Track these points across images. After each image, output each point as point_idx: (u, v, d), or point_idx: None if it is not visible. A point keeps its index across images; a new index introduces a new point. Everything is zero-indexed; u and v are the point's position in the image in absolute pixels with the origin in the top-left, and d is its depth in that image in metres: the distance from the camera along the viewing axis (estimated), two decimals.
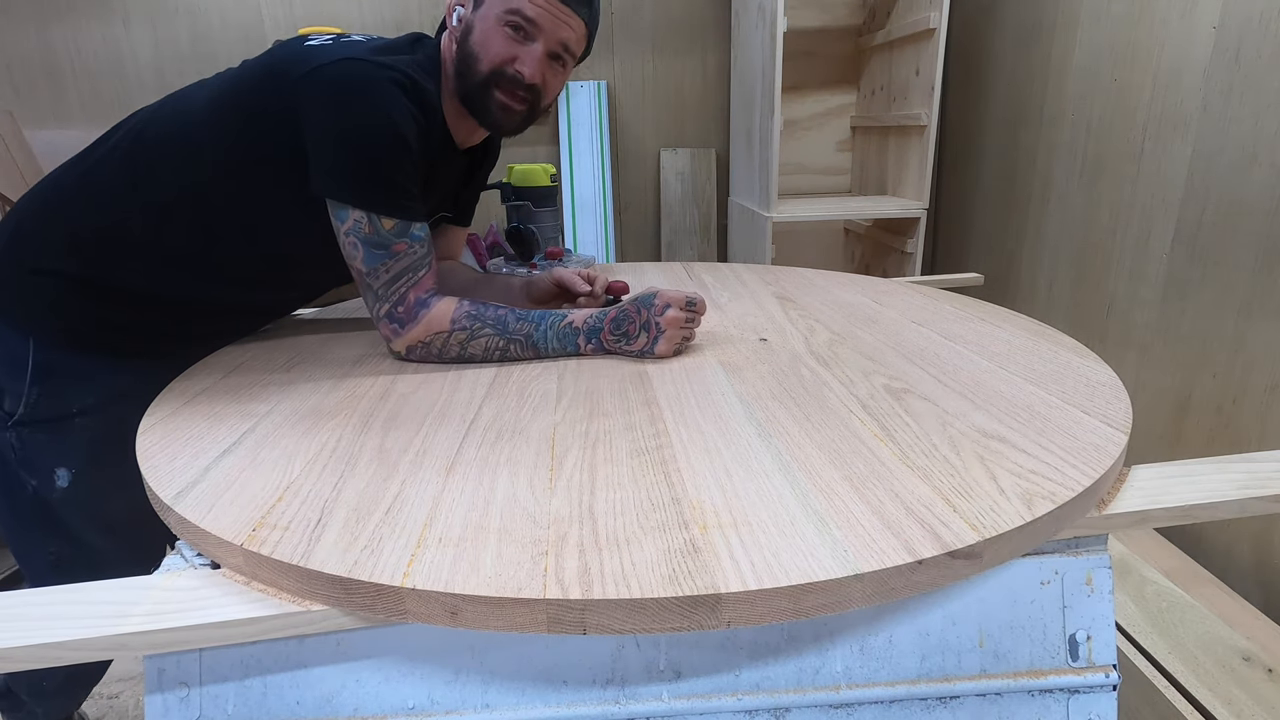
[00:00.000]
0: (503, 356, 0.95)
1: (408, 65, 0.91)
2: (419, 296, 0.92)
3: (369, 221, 0.87)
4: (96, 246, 0.91)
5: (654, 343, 0.94)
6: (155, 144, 0.92)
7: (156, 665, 0.58)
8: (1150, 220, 1.79)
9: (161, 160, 0.91)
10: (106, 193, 0.91)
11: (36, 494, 0.93)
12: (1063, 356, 0.91)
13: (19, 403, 0.91)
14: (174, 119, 0.93)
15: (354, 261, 0.90)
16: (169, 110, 0.94)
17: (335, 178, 0.87)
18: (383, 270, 0.89)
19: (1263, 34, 1.47)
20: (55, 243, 0.91)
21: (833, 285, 1.33)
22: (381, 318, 0.92)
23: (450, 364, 0.95)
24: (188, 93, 0.96)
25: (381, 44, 0.95)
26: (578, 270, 1.14)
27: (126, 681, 1.66)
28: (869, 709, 0.62)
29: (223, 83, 0.93)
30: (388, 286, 0.90)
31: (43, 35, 2.87)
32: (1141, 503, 0.64)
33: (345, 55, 0.87)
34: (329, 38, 0.94)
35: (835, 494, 0.59)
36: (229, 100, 0.91)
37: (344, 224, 0.88)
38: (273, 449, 0.71)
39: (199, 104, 0.92)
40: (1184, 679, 1.13)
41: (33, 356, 0.90)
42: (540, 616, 0.49)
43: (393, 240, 0.88)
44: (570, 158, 3.08)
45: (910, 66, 2.44)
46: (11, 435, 0.92)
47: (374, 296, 0.91)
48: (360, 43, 0.93)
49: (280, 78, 0.88)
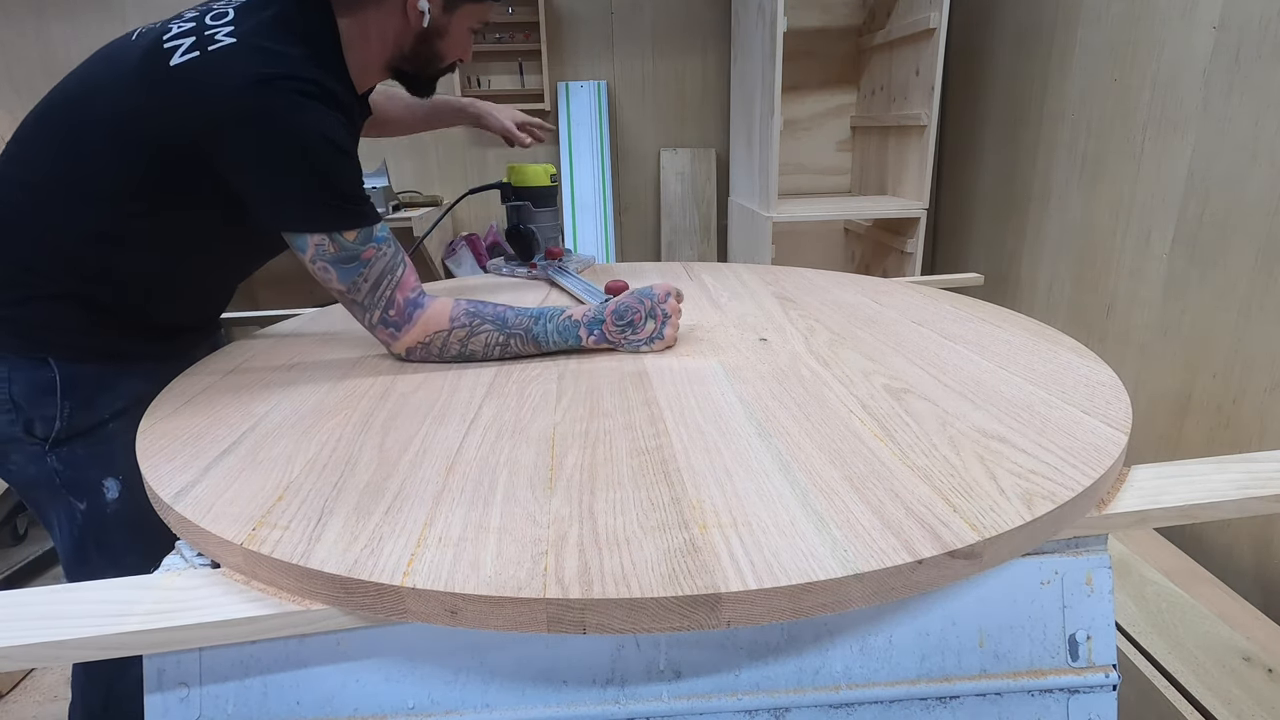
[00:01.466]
0: (503, 353, 0.95)
1: (302, 63, 0.84)
2: (407, 296, 0.91)
3: (331, 241, 0.85)
4: (65, 268, 0.88)
5: (662, 328, 0.96)
6: (63, 176, 0.85)
7: (156, 665, 0.58)
8: (1150, 220, 1.79)
9: (79, 197, 0.86)
10: (45, 224, 0.87)
11: (88, 518, 0.93)
12: (1063, 356, 0.91)
13: (52, 424, 0.91)
14: (75, 142, 0.85)
15: (330, 284, 0.89)
16: (68, 128, 0.86)
17: (283, 211, 0.85)
18: (361, 281, 0.88)
19: (1263, 34, 1.47)
20: (29, 271, 0.88)
21: (833, 285, 1.33)
22: (375, 325, 0.92)
23: (451, 363, 0.95)
24: (77, 109, 0.87)
25: (255, 32, 0.84)
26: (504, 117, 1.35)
27: None
28: (869, 709, 0.62)
29: (113, 119, 0.84)
30: (371, 294, 0.89)
31: (42, 35, 2.87)
32: (1141, 503, 0.64)
33: (242, 83, 0.79)
34: (190, 41, 0.83)
35: (835, 494, 0.59)
36: (127, 143, 0.84)
37: (306, 253, 0.86)
38: (273, 449, 0.71)
39: (95, 136, 0.85)
40: (1184, 679, 1.13)
41: (58, 373, 0.90)
42: (540, 616, 0.49)
43: (360, 249, 0.87)
44: (570, 158, 3.09)
45: (910, 66, 2.44)
46: (53, 459, 0.92)
47: (361, 309, 0.91)
48: (238, 47, 0.82)
49: (182, 118, 0.81)
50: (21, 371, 0.89)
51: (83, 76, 0.89)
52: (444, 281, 1.54)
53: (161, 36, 0.85)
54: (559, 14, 3.04)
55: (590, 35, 3.08)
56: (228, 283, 1.07)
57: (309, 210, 0.84)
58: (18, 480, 0.95)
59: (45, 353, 0.90)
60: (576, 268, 1.45)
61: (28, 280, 0.88)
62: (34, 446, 0.91)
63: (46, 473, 0.92)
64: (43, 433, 0.91)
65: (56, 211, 0.86)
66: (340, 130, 0.86)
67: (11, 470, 0.94)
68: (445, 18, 0.97)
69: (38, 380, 0.90)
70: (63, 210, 0.86)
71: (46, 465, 0.92)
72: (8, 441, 0.91)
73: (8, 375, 0.89)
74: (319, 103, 0.83)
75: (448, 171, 3.20)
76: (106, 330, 0.93)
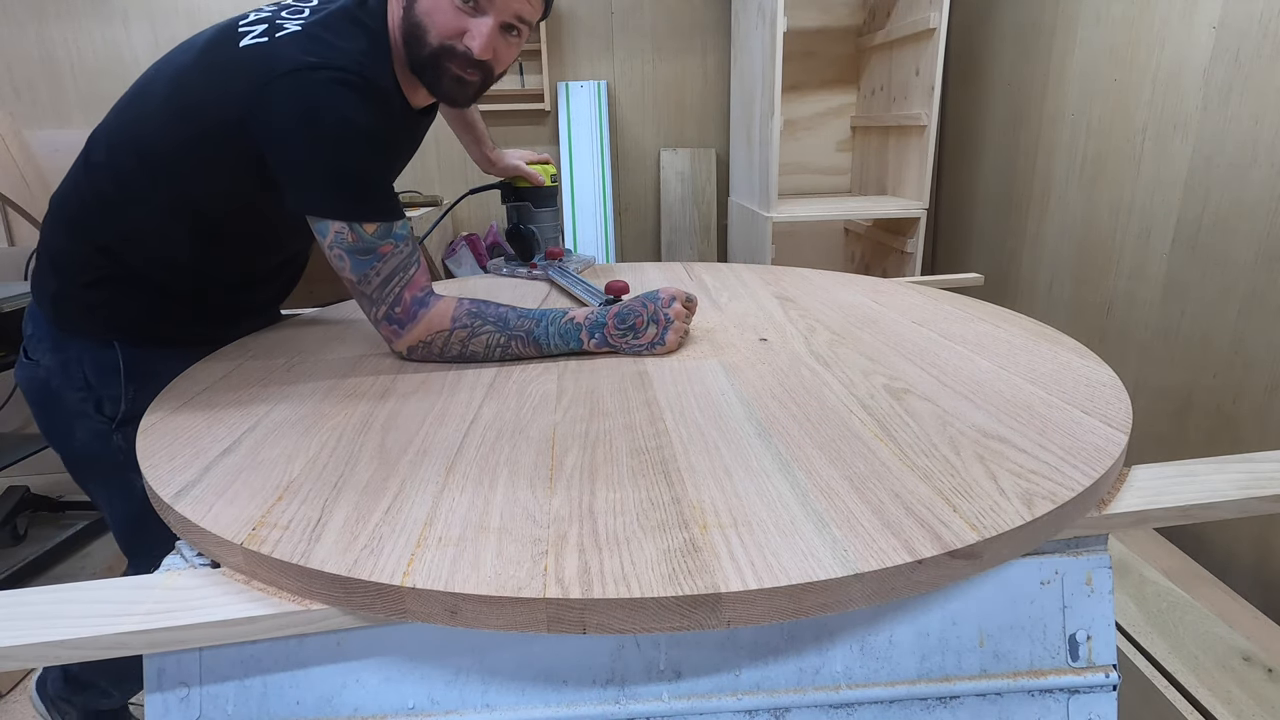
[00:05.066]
0: (504, 354, 0.95)
1: (352, 55, 0.86)
2: (415, 295, 0.91)
3: (350, 230, 0.86)
4: (124, 251, 0.94)
5: (664, 333, 0.95)
6: (125, 160, 0.91)
7: (156, 665, 0.58)
8: (1150, 220, 1.79)
9: (138, 177, 0.90)
10: (111, 206, 0.92)
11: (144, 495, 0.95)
12: (1063, 356, 0.90)
13: (119, 404, 0.96)
14: (136, 138, 0.91)
15: (343, 272, 0.89)
16: (130, 122, 0.92)
17: (309, 195, 0.86)
18: (373, 275, 0.89)
19: (1263, 34, 1.47)
20: (91, 255, 0.93)
21: (833, 285, 1.33)
22: (380, 320, 0.92)
23: (451, 363, 0.95)
24: (144, 99, 0.92)
25: (320, 22, 0.89)
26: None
27: None
28: (869, 709, 0.62)
29: (173, 91, 0.90)
30: (381, 289, 0.90)
31: (42, 35, 2.87)
32: (1141, 503, 0.64)
33: (290, 66, 0.83)
34: (262, 28, 0.88)
35: (835, 494, 0.59)
36: (183, 113, 0.88)
37: (326, 238, 0.87)
38: (273, 448, 0.71)
39: (155, 121, 0.90)
40: (1184, 679, 1.13)
41: (121, 357, 0.96)
42: (540, 616, 0.49)
43: (377, 244, 0.88)
44: (570, 158, 3.08)
45: (910, 66, 2.44)
46: (119, 437, 0.97)
47: (369, 301, 0.91)
48: (299, 34, 0.87)
49: (231, 95, 0.85)
50: (91, 352, 0.95)
51: (157, 64, 0.94)
52: (445, 281, 1.54)
53: (238, 23, 0.90)
54: (559, 14, 3.04)
55: (590, 35, 3.08)
56: (274, 264, 1.09)
57: (332, 197, 0.86)
58: (80, 453, 0.99)
59: (111, 335, 0.96)
60: (576, 268, 1.45)
61: (101, 263, 0.94)
62: (102, 425, 0.96)
63: (111, 450, 0.97)
64: (110, 412, 0.96)
65: (135, 191, 0.91)
66: (376, 123, 0.86)
67: (75, 445, 0.98)
68: None
69: (105, 362, 0.95)
70: (139, 190, 0.91)
71: (112, 443, 0.97)
72: (78, 417, 0.96)
73: (79, 356, 0.95)
74: (357, 93, 0.85)
75: (448, 171, 3.20)
76: (167, 313, 0.98)
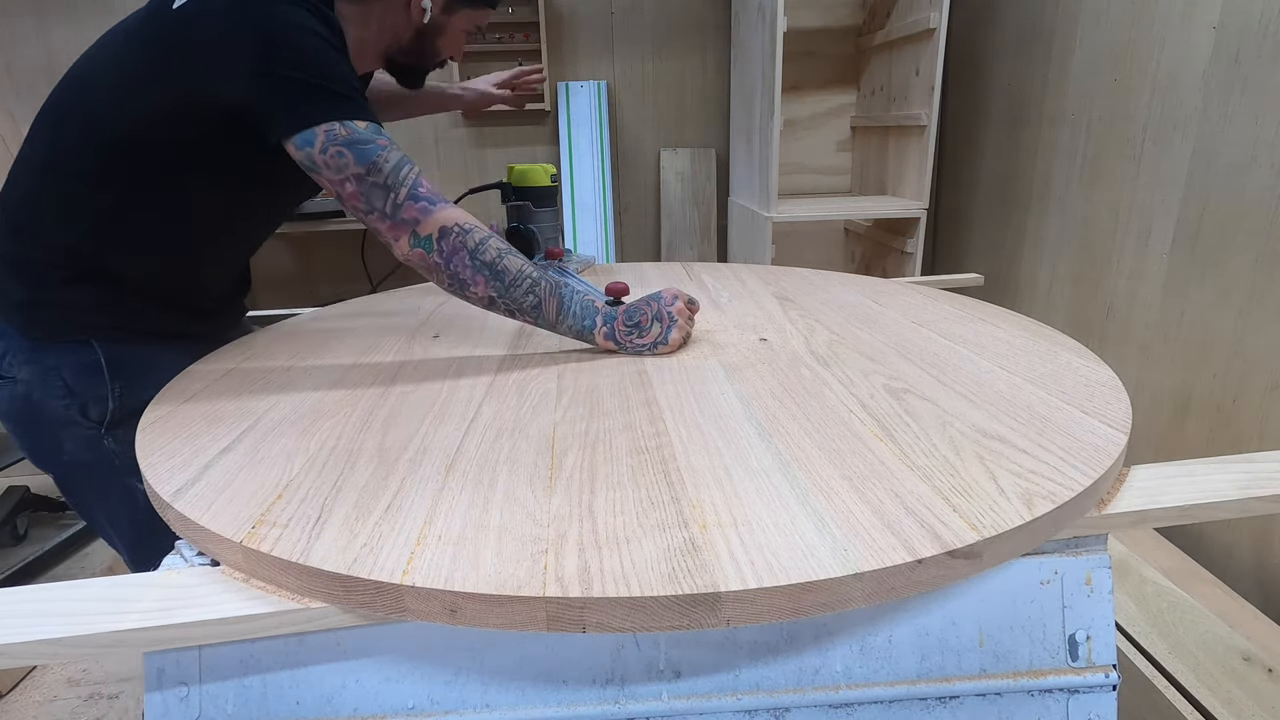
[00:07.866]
0: (531, 290, 0.88)
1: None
2: (432, 188, 0.85)
3: (343, 126, 0.81)
4: (92, 247, 0.91)
5: (668, 331, 0.95)
6: (82, 157, 0.88)
7: (156, 664, 0.58)
8: (1150, 220, 1.79)
9: (101, 170, 0.88)
10: (73, 204, 0.89)
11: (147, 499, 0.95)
12: (1063, 356, 0.90)
13: (105, 406, 0.93)
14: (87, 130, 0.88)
15: (346, 170, 0.81)
16: (75, 118, 0.90)
17: (289, 114, 0.81)
18: (382, 161, 0.82)
19: (1263, 34, 1.47)
20: (57, 256, 0.91)
21: (833, 285, 1.33)
22: (404, 202, 0.83)
23: (475, 281, 0.86)
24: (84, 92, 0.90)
25: None
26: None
27: (127, 681, 1.66)
28: (869, 709, 0.62)
29: (118, 79, 0.87)
30: (395, 173, 0.83)
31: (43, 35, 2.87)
32: (1141, 503, 0.64)
33: (233, 1, 0.81)
34: None
35: (835, 493, 0.59)
36: (135, 96, 0.86)
37: (315, 144, 0.80)
38: (272, 447, 0.71)
39: (104, 110, 0.87)
40: (1184, 679, 1.13)
41: (102, 354, 0.93)
42: (540, 615, 0.49)
43: (374, 136, 0.82)
44: (570, 158, 3.08)
45: (910, 66, 2.44)
46: (109, 442, 0.94)
47: (384, 190, 0.82)
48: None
49: (181, 57, 0.83)
50: (68, 356, 0.92)
51: (87, 55, 0.93)
52: None
53: None
54: (559, 14, 3.04)
55: (590, 35, 3.08)
56: (243, 251, 1.10)
57: (313, 101, 0.81)
58: (70, 466, 0.96)
59: (87, 335, 0.93)
60: (576, 268, 1.45)
61: (68, 262, 0.91)
62: (90, 430, 0.94)
63: (104, 456, 0.94)
64: (97, 415, 0.93)
65: (99, 185, 0.89)
66: (337, 37, 0.85)
67: (64, 458, 0.95)
68: (444, 17, 1.00)
69: (85, 362, 0.92)
70: (103, 183, 0.88)
71: (104, 449, 0.94)
72: (64, 426, 0.93)
73: (56, 363, 0.92)
74: (310, 11, 0.83)
75: (448, 171, 3.20)
76: (145, 307, 0.96)
